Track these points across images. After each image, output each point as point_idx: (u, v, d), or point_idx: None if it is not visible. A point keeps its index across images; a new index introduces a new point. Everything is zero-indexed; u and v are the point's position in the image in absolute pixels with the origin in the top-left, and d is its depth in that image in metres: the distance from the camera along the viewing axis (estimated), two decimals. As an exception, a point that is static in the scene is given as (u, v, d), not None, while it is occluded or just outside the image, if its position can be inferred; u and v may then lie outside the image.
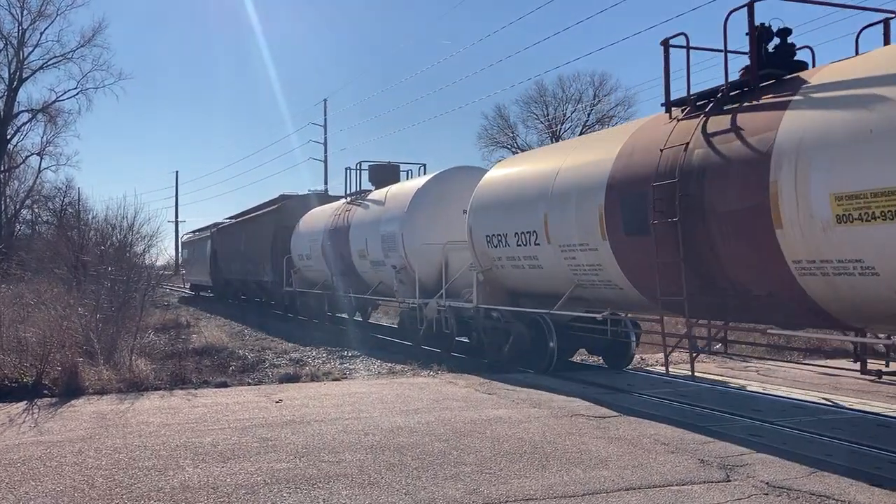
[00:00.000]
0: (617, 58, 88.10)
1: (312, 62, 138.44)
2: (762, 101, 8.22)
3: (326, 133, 54.28)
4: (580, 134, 49.50)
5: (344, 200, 21.13)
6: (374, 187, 20.00)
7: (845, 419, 8.63)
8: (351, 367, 13.29)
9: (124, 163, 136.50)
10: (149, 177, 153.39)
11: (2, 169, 45.63)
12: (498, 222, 12.74)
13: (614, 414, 8.52)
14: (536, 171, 12.33)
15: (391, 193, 17.80)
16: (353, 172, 20.72)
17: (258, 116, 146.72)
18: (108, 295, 13.82)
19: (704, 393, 10.30)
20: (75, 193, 47.34)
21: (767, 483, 5.83)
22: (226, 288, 36.08)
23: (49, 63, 45.35)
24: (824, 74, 7.80)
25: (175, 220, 77.21)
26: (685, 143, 8.83)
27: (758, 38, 8.60)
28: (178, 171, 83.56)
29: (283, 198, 27.92)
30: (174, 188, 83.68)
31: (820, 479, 5.93)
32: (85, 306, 12.96)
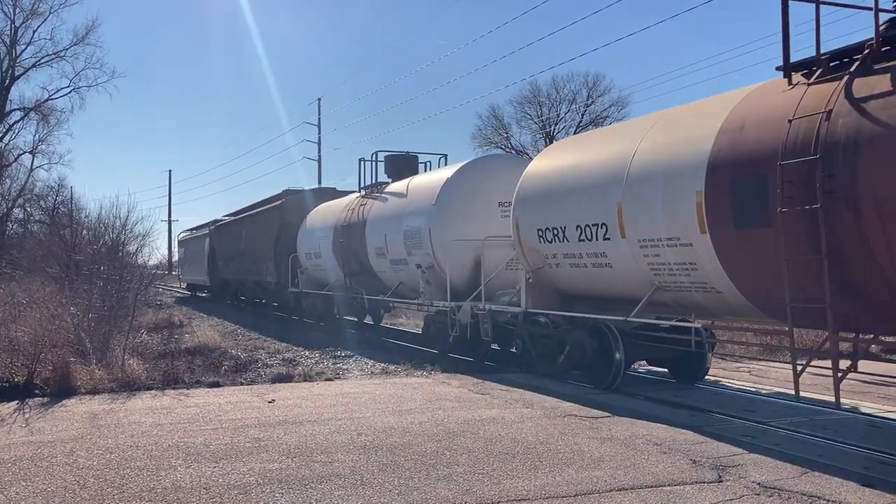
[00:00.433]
0: (611, 58, 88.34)
1: (307, 61, 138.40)
2: None
3: (320, 132, 54.20)
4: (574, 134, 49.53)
5: (357, 194, 19.44)
6: (390, 180, 18.42)
7: (837, 420, 8.67)
8: (344, 367, 13.28)
9: (117, 161, 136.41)
10: (142, 176, 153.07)
11: (-6, 167, 45.42)
12: (553, 214, 11.15)
13: (607, 414, 8.53)
14: (604, 154, 10.54)
15: (414, 185, 16.24)
16: (367, 164, 19.04)
17: (252, 116, 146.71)
18: (100, 294, 13.78)
19: (698, 394, 10.33)
20: (68, 192, 47.18)
21: (759, 483, 5.85)
22: (224, 288, 34.87)
23: (42, 61, 45.15)
24: None
25: (168, 219, 77.16)
26: (825, 110, 7.18)
27: None
28: (171, 171, 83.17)
29: (287, 193, 26.26)
30: (167, 187, 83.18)
31: (811, 479, 5.95)
32: (77, 305, 12.91)
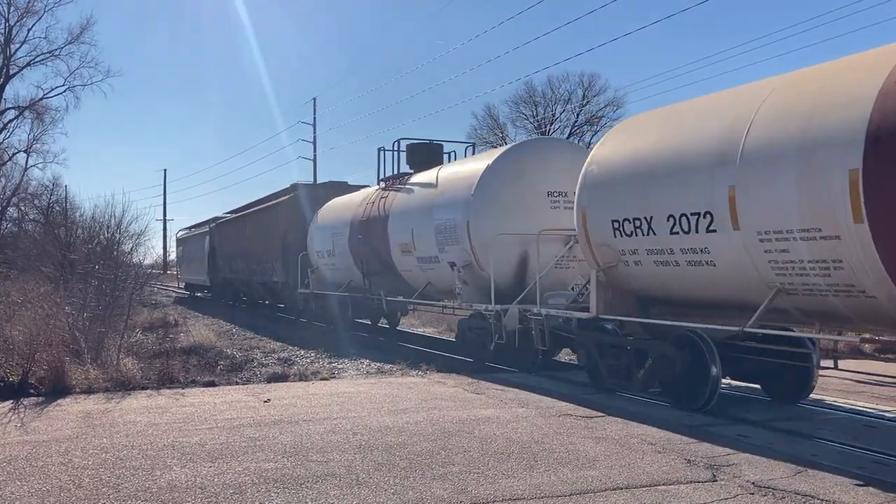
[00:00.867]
0: (606, 58, 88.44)
1: (302, 60, 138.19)
2: None
3: (316, 132, 54.09)
4: (568, 137, 49.53)
5: (376, 186, 17.94)
6: (412, 171, 16.94)
7: (831, 419, 8.70)
8: (339, 366, 13.27)
9: (112, 161, 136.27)
10: (137, 175, 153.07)
11: (-12, 166, 45.29)
12: (634, 203, 9.41)
13: (601, 414, 8.55)
14: (704, 129, 8.75)
15: (446, 174, 14.75)
16: (387, 154, 17.48)
17: (247, 115, 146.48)
18: (95, 293, 13.74)
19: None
20: (62, 191, 47.01)
21: (753, 483, 5.87)
22: (225, 288, 33.40)
23: (36, 60, 44.95)
24: None
25: (164, 218, 77.03)
26: None
27: None
28: (166, 170, 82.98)
29: (295, 187, 24.70)
30: (162, 186, 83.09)
31: (805, 478, 5.97)
32: (72, 305, 12.87)
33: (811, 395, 9.55)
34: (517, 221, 12.46)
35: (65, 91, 46.24)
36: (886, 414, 9.00)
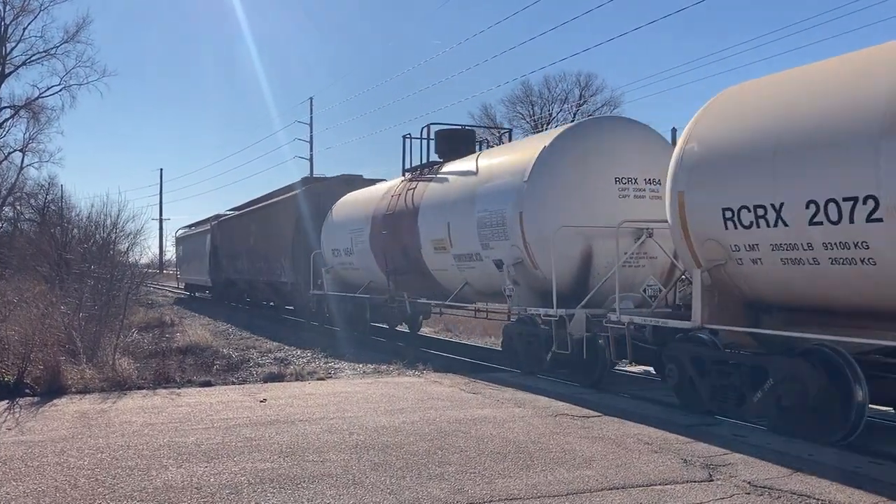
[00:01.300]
0: (603, 58, 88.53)
1: (298, 60, 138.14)
2: None
3: (312, 131, 54.01)
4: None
5: (401, 178, 16.41)
6: (441, 160, 15.37)
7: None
8: (336, 366, 13.26)
9: (108, 160, 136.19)
10: (133, 174, 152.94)
11: (-17, 165, 45.20)
12: (756, 186, 7.60)
13: (597, 414, 8.55)
14: (861, 87, 6.91)
15: (489, 160, 13.04)
16: (414, 142, 15.89)
17: (244, 115, 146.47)
18: (91, 293, 13.72)
19: None
20: (58, 191, 46.86)
21: (749, 483, 5.88)
22: (228, 289, 32.22)
23: (32, 59, 44.89)
24: None
25: (160, 217, 76.92)
26: None
27: None
28: (162, 169, 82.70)
29: (305, 181, 23.26)
30: (159, 186, 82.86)
31: (801, 478, 5.98)
32: (68, 304, 12.86)
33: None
34: (580, 212, 10.79)
35: (61, 90, 46.21)
36: None
